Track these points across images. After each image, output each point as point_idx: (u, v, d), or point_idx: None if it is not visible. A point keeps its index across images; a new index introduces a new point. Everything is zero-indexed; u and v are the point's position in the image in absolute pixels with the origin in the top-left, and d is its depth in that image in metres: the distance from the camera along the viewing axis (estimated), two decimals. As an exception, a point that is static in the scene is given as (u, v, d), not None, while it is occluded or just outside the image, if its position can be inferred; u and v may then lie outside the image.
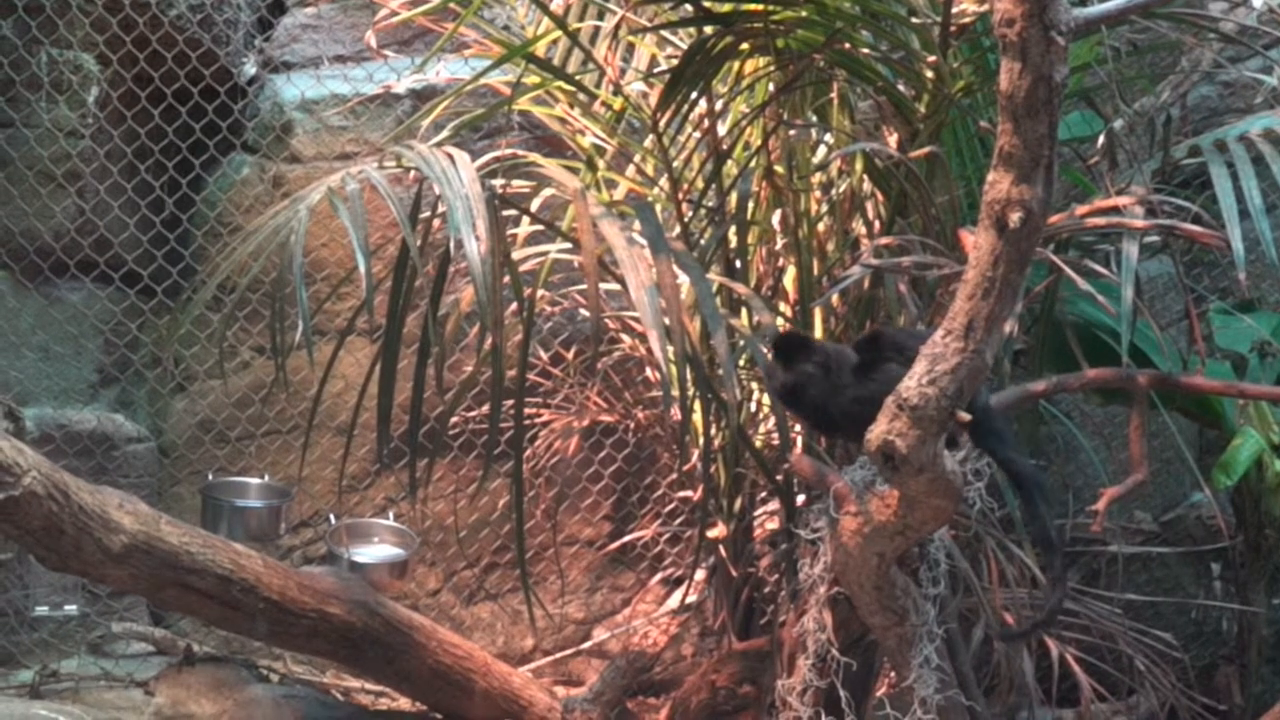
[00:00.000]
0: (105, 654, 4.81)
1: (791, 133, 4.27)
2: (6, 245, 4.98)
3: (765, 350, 3.63)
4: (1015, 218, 2.97)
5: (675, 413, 4.38)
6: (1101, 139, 4.31)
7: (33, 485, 3.55)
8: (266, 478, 4.92)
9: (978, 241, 3.06)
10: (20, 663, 4.74)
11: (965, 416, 3.03)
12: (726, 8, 3.94)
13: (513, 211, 4.27)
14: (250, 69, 5.40)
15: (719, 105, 4.23)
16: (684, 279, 3.93)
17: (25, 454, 3.59)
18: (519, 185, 4.28)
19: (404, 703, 4.64)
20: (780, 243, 4.39)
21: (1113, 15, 3.61)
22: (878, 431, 3.09)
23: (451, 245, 3.54)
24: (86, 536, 3.67)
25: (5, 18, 4.95)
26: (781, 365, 3.46)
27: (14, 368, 4.99)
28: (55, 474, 3.64)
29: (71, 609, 4.82)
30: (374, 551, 4.69)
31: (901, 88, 4.03)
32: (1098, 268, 3.86)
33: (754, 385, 4.29)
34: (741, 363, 4.13)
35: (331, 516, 4.80)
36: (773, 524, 4.37)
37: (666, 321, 3.58)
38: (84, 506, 3.67)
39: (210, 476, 4.86)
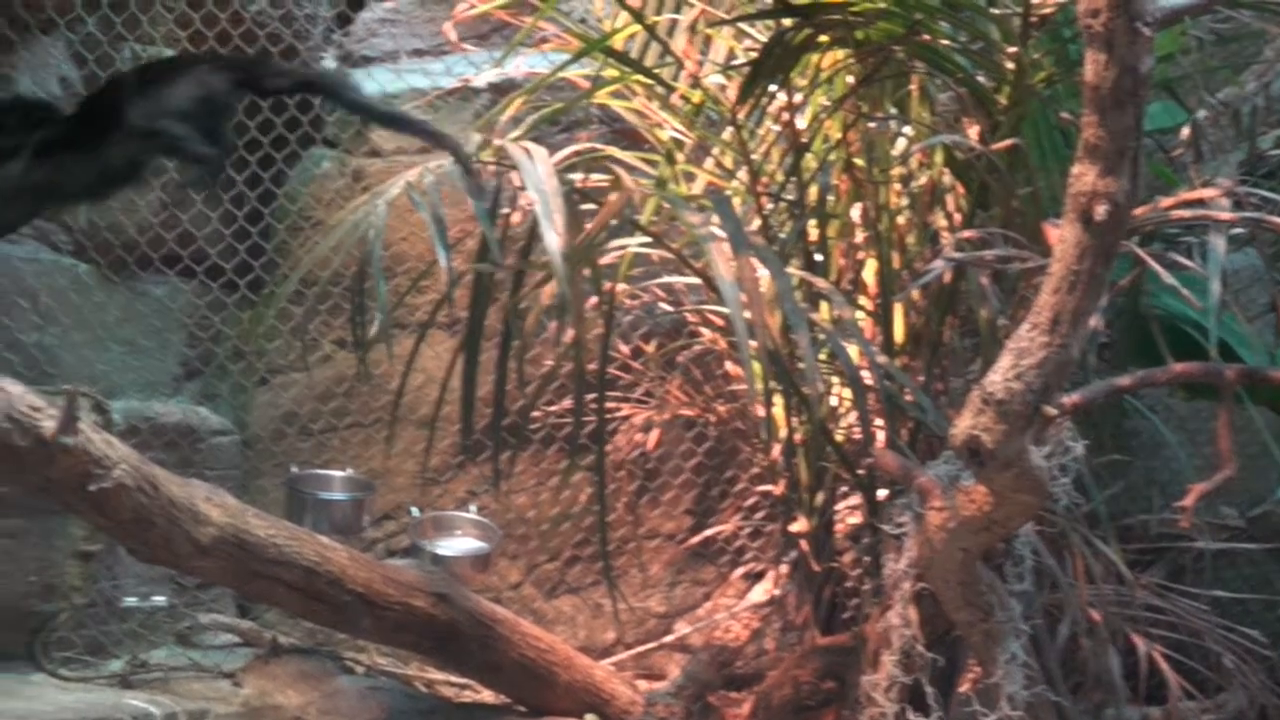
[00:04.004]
0: (193, 645, 4.84)
1: (871, 125, 4.26)
2: (93, 239, 5.02)
3: None
4: (1101, 210, 2.97)
5: (757, 407, 4.39)
6: (1186, 130, 4.28)
7: (122, 478, 3.58)
8: (350, 471, 4.94)
9: (1063, 235, 3.05)
10: (110, 653, 4.79)
11: (1052, 412, 3.02)
12: (806, 0, 3.93)
13: (592, 205, 4.27)
14: (330, 63, 5.43)
15: (798, 98, 4.22)
16: (763, 273, 3.93)
17: (115, 446, 3.63)
18: (598, 179, 4.29)
19: (487, 695, 4.66)
20: (860, 236, 4.38)
21: (1198, 6, 3.59)
22: (963, 426, 3.08)
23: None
24: (176, 529, 3.70)
25: (90, 14, 5.00)
26: None
27: (100, 361, 5.03)
28: (144, 466, 3.68)
29: (160, 600, 4.86)
30: (456, 544, 4.69)
31: (981, 79, 4.01)
32: (1183, 260, 3.83)
33: (835, 379, 4.28)
34: (822, 357, 4.12)
35: (414, 509, 4.81)
36: (854, 518, 4.36)
37: (747, 315, 3.58)
38: (173, 499, 3.70)
39: (294, 469, 4.88)
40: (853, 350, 3.94)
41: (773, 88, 4.15)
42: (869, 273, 4.37)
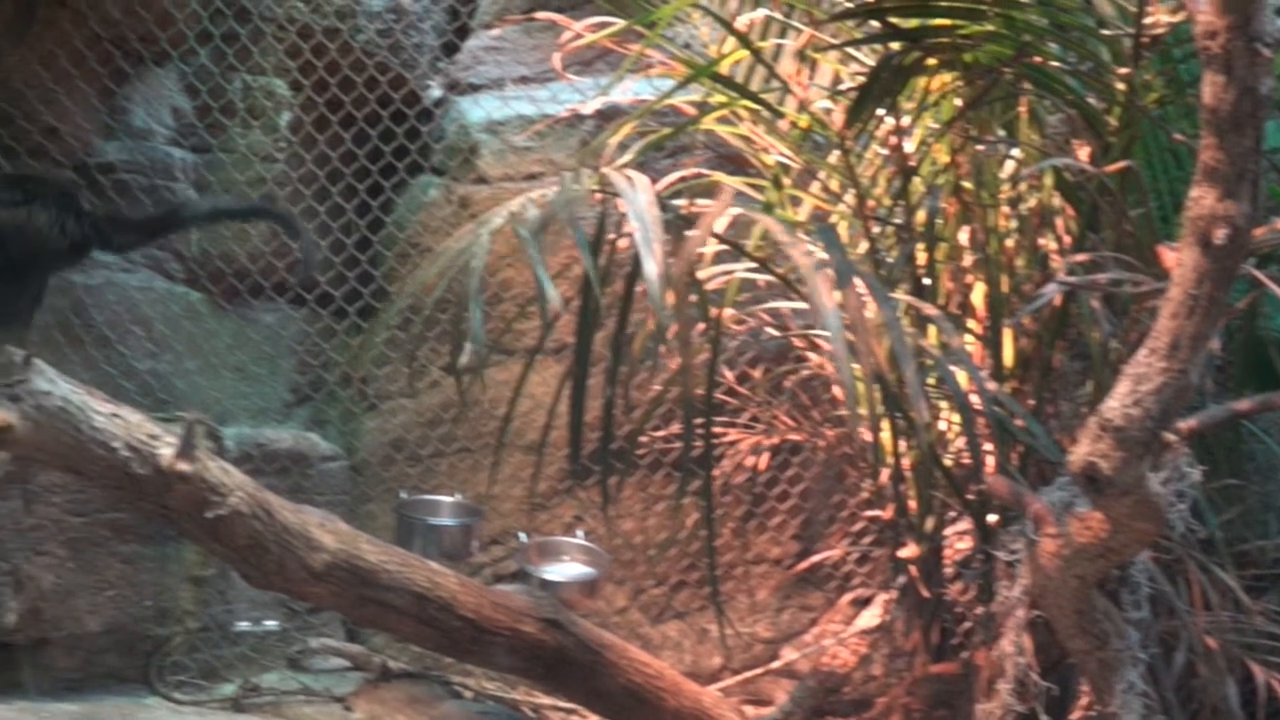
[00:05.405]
0: (304, 669, 4.89)
1: (979, 148, 4.23)
2: (205, 268, 5.10)
3: None
4: (1220, 234, 2.92)
5: (864, 432, 4.36)
6: (1303, 150, 4.21)
7: (238, 504, 3.63)
8: (459, 496, 4.96)
9: (1181, 259, 3.00)
10: (223, 676, 4.85)
11: (1171, 438, 2.98)
12: (913, 24, 3.91)
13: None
14: (436, 92, 5.48)
15: (905, 121, 4.20)
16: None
17: (231, 474, 3.68)
18: (704, 204, 4.28)
19: (593, 720, 4.68)
20: (968, 260, 4.35)
21: (1318, 24, 3.52)
22: (1080, 453, 3.04)
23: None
24: (290, 555, 3.74)
25: (203, 46, 5.08)
26: None
27: (212, 387, 5.11)
28: (259, 493, 3.72)
29: (271, 624, 4.92)
30: (565, 570, 4.69)
31: (1092, 100, 3.97)
32: (1300, 282, 3.77)
33: (943, 404, 4.25)
34: (931, 381, 4.09)
35: (521, 534, 4.83)
36: (963, 544, 4.32)
37: (850, 337, 3.55)
38: (287, 525, 3.74)
39: (403, 495, 4.91)
40: (961, 375, 3.91)
41: (880, 111, 4.13)
42: (977, 296, 4.33)
